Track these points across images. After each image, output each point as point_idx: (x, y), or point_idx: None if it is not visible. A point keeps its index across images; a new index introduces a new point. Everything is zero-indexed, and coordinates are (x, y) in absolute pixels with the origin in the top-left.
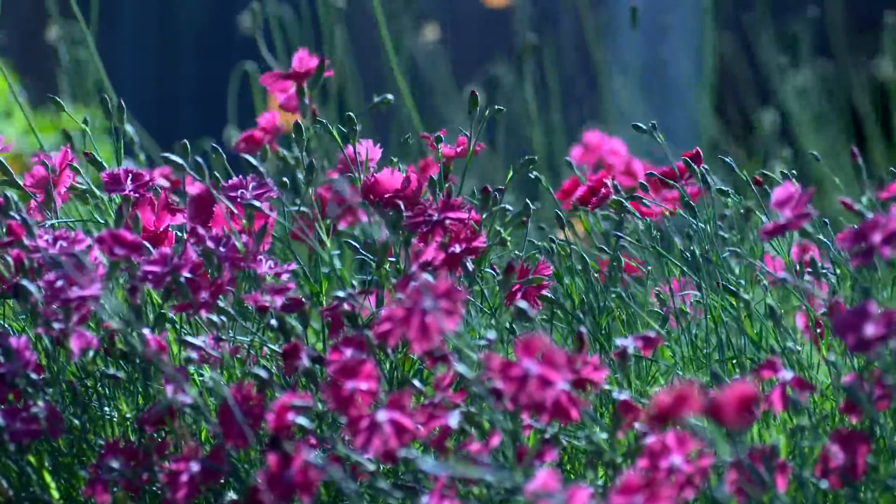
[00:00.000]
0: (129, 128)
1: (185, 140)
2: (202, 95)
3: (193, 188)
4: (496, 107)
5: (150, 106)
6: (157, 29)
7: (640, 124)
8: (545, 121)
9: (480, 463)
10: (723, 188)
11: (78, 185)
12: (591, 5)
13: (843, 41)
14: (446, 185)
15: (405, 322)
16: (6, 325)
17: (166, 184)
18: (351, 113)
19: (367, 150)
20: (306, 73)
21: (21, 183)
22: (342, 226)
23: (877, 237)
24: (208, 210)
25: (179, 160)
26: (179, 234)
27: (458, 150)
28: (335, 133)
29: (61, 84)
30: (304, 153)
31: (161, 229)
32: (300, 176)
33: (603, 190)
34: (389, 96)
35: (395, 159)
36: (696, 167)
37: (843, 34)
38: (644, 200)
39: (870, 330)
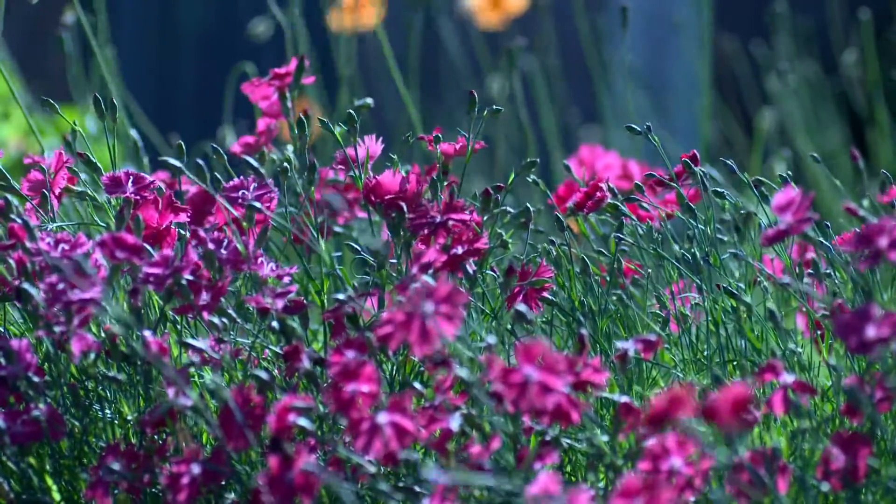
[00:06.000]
0: (133, 132)
1: (185, 141)
2: (203, 96)
3: (192, 189)
4: (494, 107)
5: (150, 106)
6: (158, 30)
7: (636, 126)
8: (541, 124)
9: (481, 466)
10: (718, 190)
11: (73, 188)
12: (592, 8)
13: (843, 40)
14: (447, 184)
15: (406, 326)
16: (6, 328)
17: (164, 185)
18: (351, 111)
19: (368, 148)
20: (286, 77)
21: (17, 187)
22: (340, 222)
23: (883, 241)
24: (206, 211)
25: (177, 163)
26: (182, 231)
27: (458, 147)
28: (336, 133)
29: (70, 84)
30: (304, 153)
31: (164, 226)
32: (296, 177)
33: (598, 194)
34: (369, 100)
35: (396, 158)
36: (694, 169)
37: (843, 33)
38: (642, 204)
39: (871, 332)
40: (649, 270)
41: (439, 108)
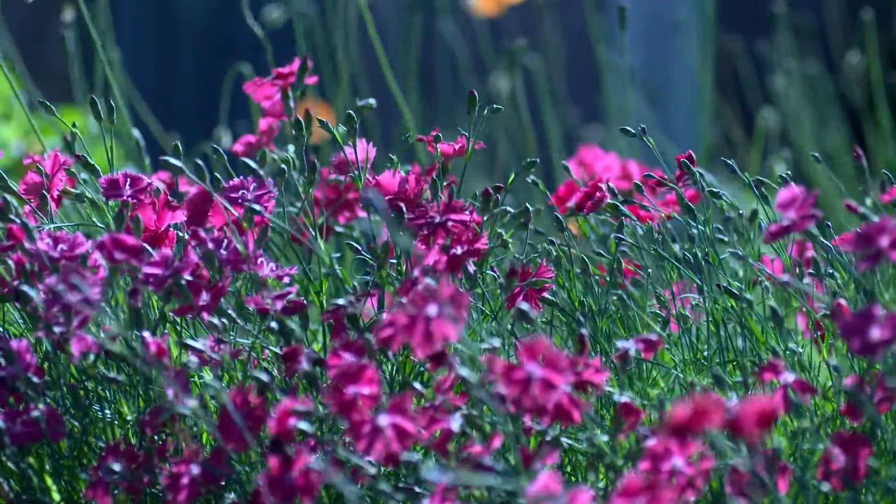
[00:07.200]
0: (135, 132)
1: (185, 140)
2: (203, 95)
3: (191, 189)
4: (494, 106)
5: (150, 105)
6: (157, 28)
7: (630, 128)
8: (541, 124)
9: (482, 466)
10: (714, 190)
11: (71, 191)
12: (592, 8)
13: (843, 38)
14: (446, 184)
15: (408, 329)
16: (6, 329)
17: (163, 186)
18: (350, 112)
19: (367, 150)
20: (289, 76)
21: (15, 189)
22: (340, 222)
23: (884, 240)
24: (205, 211)
25: (177, 162)
26: (180, 233)
27: (457, 147)
28: (336, 133)
29: (72, 83)
30: (304, 153)
31: (162, 228)
32: (295, 177)
33: (598, 194)
34: (372, 101)
35: (395, 159)
36: (692, 169)
37: (843, 31)
38: (642, 205)
39: (875, 333)
40: (649, 270)
41: (439, 107)
